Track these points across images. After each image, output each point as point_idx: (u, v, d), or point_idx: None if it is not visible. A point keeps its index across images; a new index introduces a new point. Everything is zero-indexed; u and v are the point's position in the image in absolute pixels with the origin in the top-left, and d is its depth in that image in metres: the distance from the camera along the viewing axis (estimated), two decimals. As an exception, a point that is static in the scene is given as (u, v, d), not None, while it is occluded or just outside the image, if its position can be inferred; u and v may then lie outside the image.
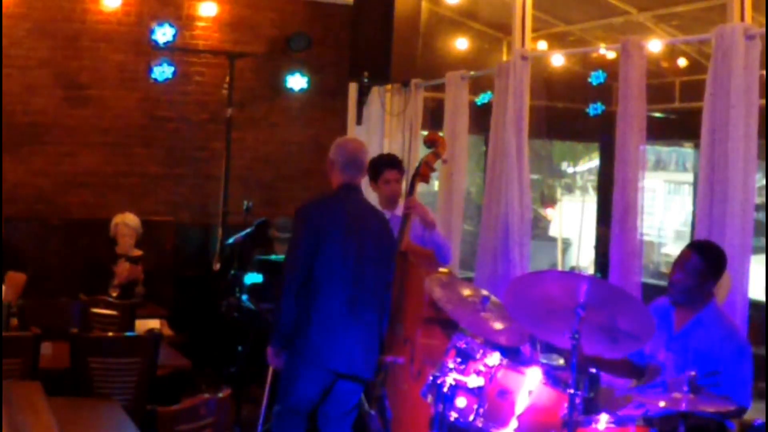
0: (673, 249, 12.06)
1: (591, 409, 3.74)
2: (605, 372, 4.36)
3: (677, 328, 4.09)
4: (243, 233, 6.06)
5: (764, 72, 5.02)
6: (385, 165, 5.63)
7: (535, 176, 12.02)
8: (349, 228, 4.37)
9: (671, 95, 9.06)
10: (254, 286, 6.32)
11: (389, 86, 7.92)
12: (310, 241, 4.31)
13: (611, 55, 6.92)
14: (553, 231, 13.24)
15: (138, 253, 7.02)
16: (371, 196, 5.75)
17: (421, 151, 7.71)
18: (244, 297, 6.07)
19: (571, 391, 3.48)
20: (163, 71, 7.32)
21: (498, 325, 4.14)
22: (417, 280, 4.87)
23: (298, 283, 4.28)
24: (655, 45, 5.85)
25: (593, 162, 12.69)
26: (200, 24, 7.72)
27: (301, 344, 4.32)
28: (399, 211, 5.63)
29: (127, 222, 7.03)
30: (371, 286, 4.48)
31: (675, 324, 4.11)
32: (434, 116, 7.84)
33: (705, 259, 4.05)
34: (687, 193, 12.37)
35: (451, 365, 3.80)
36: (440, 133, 6.81)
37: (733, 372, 3.83)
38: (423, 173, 5.44)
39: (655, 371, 4.15)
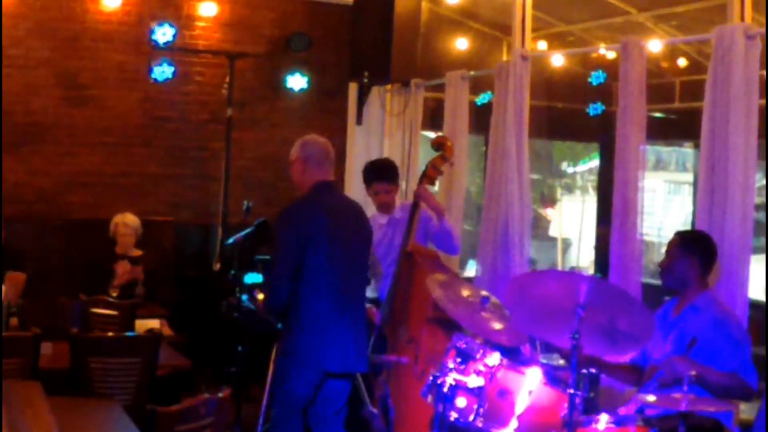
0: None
1: (591, 409, 3.74)
2: (611, 377, 4.37)
3: (673, 317, 4.15)
4: (243, 233, 6.05)
5: (764, 72, 5.02)
6: (375, 177, 5.65)
7: (535, 176, 12.02)
8: (333, 228, 4.37)
9: (671, 95, 9.05)
10: (254, 286, 6.32)
11: (389, 86, 7.92)
12: (294, 247, 4.29)
13: (611, 55, 6.92)
14: (553, 231, 13.24)
15: (138, 253, 7.02)
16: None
17: (422, 152, 7.72)
18: (244, 297, 6.06)
19: (571, 391, 3.48)
20: (163, 71, 7.32)
21: (498, 325, 4.14)
22: (422, 281, 4.87)
23: (287, 285, 4.29)
24: (655, 45, 5.85)
25: (593, 162, 12.69)
26: (200, 24, 7.72)
27: (291, 346, 4.34)
28: (398, 214, 5.65)
29: (126, 222, 7.02)
30: (357, 283, 4.53)
31: (672, 314, 4.17)
32: (434, 116, 7.84)
33: (681, 237, 4.19)
34: (687, 193, 12.36)
35: (451, 365, 3.80)
36: (440, 133, 6.82)
37: (734, 351, 3.87)
38: (430, 175, 5.48)
39: (653, 370, 4.15)
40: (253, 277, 6.36)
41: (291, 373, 4.35)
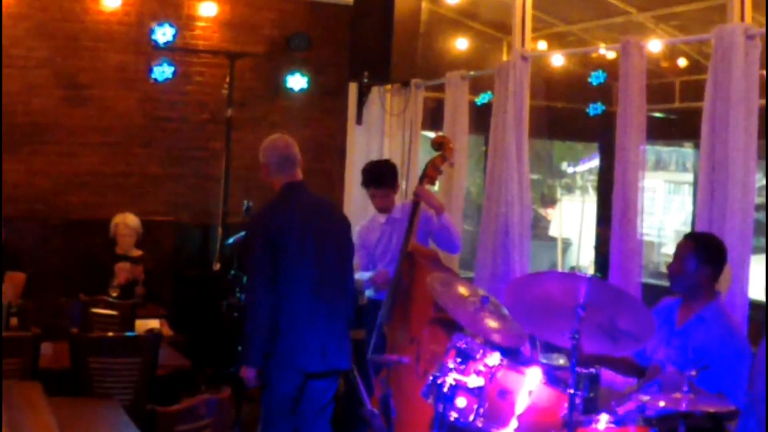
0: (673, 249, 12.03)
1: (591, 409, 3.74)
2: (610, 369, 4.36)
3: (679, 324, 4.11)
4: (243, 233, 6.05)
5: (764, 72, 5.02)
6: (370, 182, 5.64)
7: (535, 176, 12.01)
8: (303, 228, 4.40)
9: (671, 95, 9.05)
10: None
11: (389, 86, 7.92)
12: (267, 251, 4.31)
13: (611, 55, 6.92)
14: (553, 231, 13.24)
15: (138, 253, 7.02)
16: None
17: (422, 152, 7.72)
18: (244, 297, 6.06)
19: (571, 391, 3.48)
20: (163, 71, 7.32)
21: (497, 325, 4.14)
22: (423, 281, 4.88)
23: (267, 292, 4.29)
24: (655, 45, 5.85)
25: (593, 162, 12.69)
26: (200, 24, 7.72)
27: (272, 347, 4.34)
28: (397, 213, 5.65)
29: (127, 222, 7.02)
30: (335, 278, 4.54)
31: (677, 320, 4.12)
32: (434, 116, 7.84)
33: (697, 245, 4.09)
34: (687, 193, 12.36)
35: (451, 365, 3.80)
36: (441, 133, 6.82)
37: (730, 371, 3.83)
38: (430, 175, 5.50)
39: (655, 370, 4.15)
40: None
41: (273, 374, 4.37)
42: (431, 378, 3.80)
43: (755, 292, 4.96)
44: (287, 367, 4.35)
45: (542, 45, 8.55)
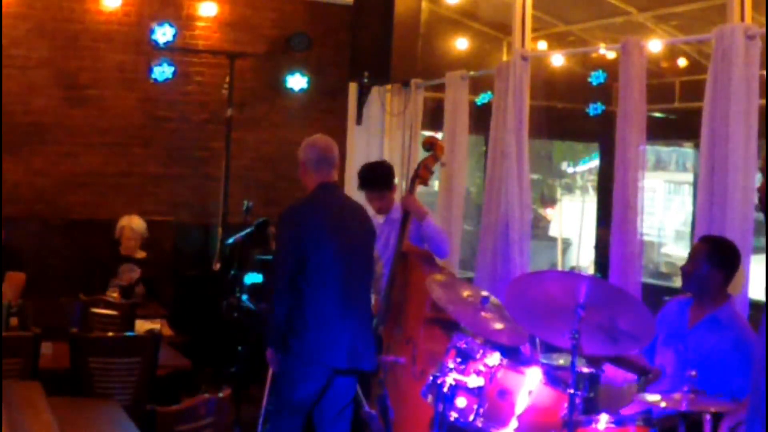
0: (673, 249, 12.07)
1: (591, 409, 3.75)
2: (615, 366, 4.36)
3: (691, 325, 4.10)
4: (243, 233, 6.06)
5: (764, 72, 5.02)
6: (364, 184, 5.60)
7: (535, 176, 12.01)
8: (333, 227, 4.41)
9: (671, 95, 9.05)
10: (254, 286, 6.33)
11: (389, 86, 7.92)
12: (294, 246, 4.32)
13: (611, 55, 6.92)
14: (553, 231, 13.24)
15: (142, 254, 7.02)
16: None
17: (422, 152, 7.71)
18: (244, 297, 6.07)
19: (571, 391, 3.48)
20: (163, 71, 7.32)
21: (498, 325, 4.15)
22: (418, 281, 4.88)
23: (287, 285, 4.31)
24: (655, 45, 5.85)
25: (593, 162, 12.68)
26: (200, 24, 7.72)
27: (298, 345, 4.34)
28: (395, 214, 5.63)
29: (133, 227, 6.99)
30: (361, 280, 4.55)
31: (689, 320, 4.12)
32: (434, 116, 7.84)
33: (710, 249, 4.09)
34: (687, 193, 12.36)
35: (451, 365, 3.81)
36: (437, 135, 6.82)
37: (743, 375, 3.82)
38: (422, 175, 5.46)
39: (656, 374, 4.15)
40: (253, 277, 6.38)
41: (299, 372, 4.35)
42: (431, 378, 3.81)
43: (755, 292, 4.96)
44: (314, 363, 4.33)
45: (542, 45, 8.55)
